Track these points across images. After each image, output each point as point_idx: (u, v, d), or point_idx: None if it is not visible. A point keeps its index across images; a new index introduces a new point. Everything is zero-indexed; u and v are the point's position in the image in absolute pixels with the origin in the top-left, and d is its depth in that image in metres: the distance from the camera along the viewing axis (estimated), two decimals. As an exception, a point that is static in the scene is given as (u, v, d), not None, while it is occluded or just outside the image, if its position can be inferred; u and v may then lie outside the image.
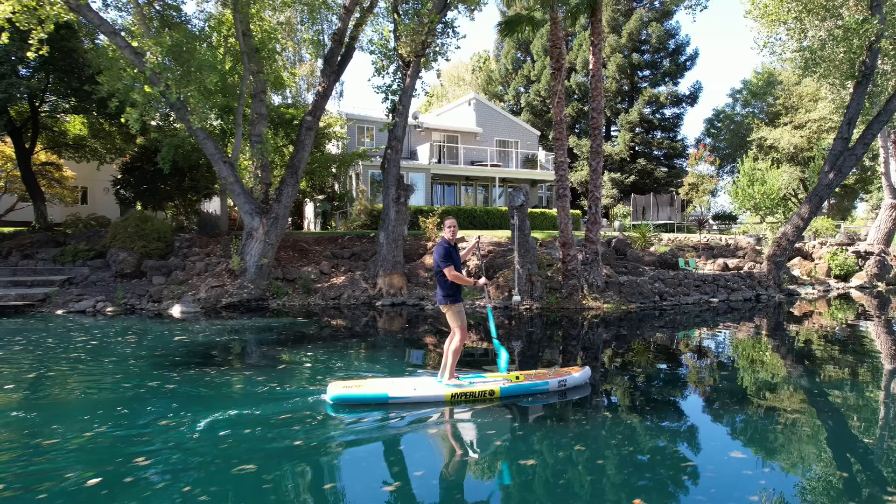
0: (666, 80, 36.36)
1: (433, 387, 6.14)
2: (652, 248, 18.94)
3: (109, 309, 13.87)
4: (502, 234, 20.90)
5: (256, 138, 15.50)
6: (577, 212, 31.00)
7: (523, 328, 12.03)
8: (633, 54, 35.31)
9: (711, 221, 35.22)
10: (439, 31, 15.53)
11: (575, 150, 37.64)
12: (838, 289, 19.14)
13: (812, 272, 20.21)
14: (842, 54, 14.83)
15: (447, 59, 16.21)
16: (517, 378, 6.35)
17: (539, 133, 33.98)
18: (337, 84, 21.94)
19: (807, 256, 21.09)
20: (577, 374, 6.63)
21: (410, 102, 15.80)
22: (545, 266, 14.80)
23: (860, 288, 19.49)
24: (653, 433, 5.34)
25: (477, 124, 31.01)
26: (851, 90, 15.73)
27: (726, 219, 35.92)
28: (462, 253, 6.49)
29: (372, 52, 15.76)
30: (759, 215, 30.60)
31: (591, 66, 14.58)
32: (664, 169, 36.25)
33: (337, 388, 6.02)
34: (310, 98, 26.69)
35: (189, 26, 14.39)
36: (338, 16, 16.14)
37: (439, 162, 29.51)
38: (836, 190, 36.25)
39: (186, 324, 12.36)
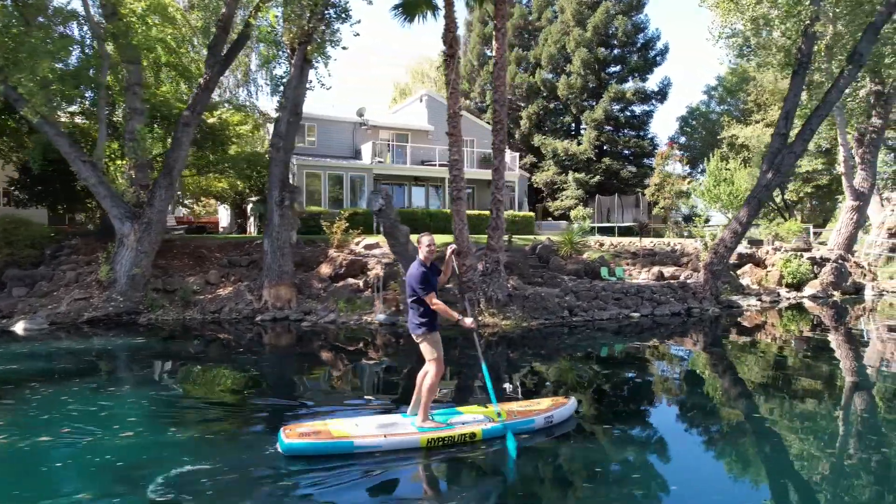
0: (634, 76, 34.72)
1: (406, 432, 5.24)
2: (585, 255, 17.37)
3: (-57, 326, 12.39)
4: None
5: (130, 136, 14.01)
6: (531, 214, 29.49)
7: (409, 348, 10.53)
8: (598, 49, 33.67)
9: (683, 223, 33.64)
10: (333, 16, 14.03)
11: (541, 149, 36.04)
12: (789, 299, 17.55)
13: (763, 280, 18.63)
14: (778, 41, 13.26)
15: (343, 48, 14.71)
16: (498, 415, 5.49)
17: (497, 131, 32.35)
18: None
19: (759, 263, 19.50)
20: (563, 408, 5.97)
21: (298, 95, 14.23)
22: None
23: (813, 297, 17.89)
24: None
25: (429, 122, 29.44)
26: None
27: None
28: (442, 277, 5.48)
29: (260, 41, 14.25)
30: (725, 217, 29.04)
31: (494, 54, 13.04)
32: (632, 168, 34.59)
33: (291, 435, 4.99)
34: (247, 94, 25.14)
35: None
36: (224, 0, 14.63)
37: (389, 162, 28.01)
38: (809, 191, 34.79)
39: (26, 343, 10.92)
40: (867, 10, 13.48)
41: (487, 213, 26.46)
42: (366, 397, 7.48)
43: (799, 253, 19.59)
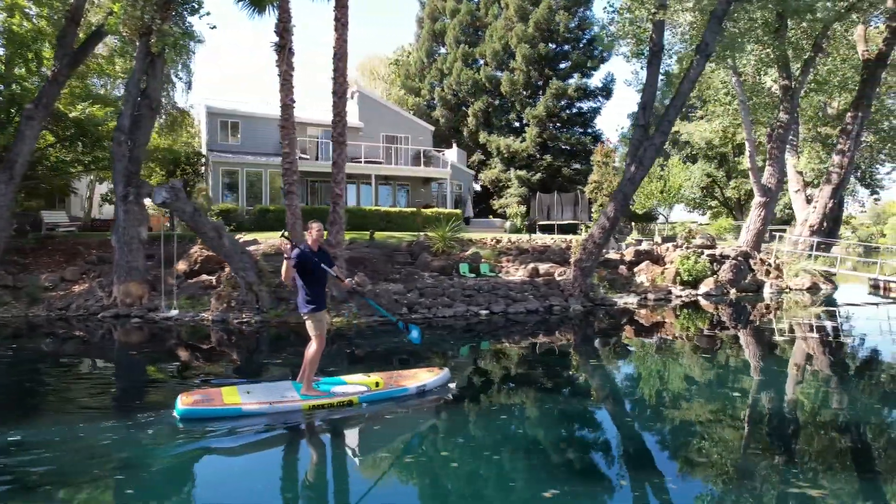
0: (579, 72, 34.28)
1: (290, 399, 6.03)
2: (467, 252, 17.02)
3: None
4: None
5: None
6: (458, 211, 29.06)
7: (235, 344, 10.24)
8: (541, 45, 33.26)
9: (632, 223, 33.19)
10: (186, 10, 13.74)
11: (487, 147, 35.68)
12: (680, 297, 17.14)
13: (658, 278, 18.23)
14: (630, 30, 12.91)
15: (198, 41, 14.42)
16: (377, 384, 6.46)
17: (433, 128, 32.09)
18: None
19: (657, 261, 19.09)
20: (436, 377, 6.85)
21: (154, 90, 13.94)
22: (268, 274, 12.93)
23: (707, 295, 17.49)
24: None
25: (360, 118, 29.14)
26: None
27: (648, 219, 33.88)
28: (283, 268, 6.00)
29: (109, 33, 13.98)
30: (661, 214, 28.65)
31: (333, 45, 12.72)
32: (577, 166, 34.16)
33: (186, 402, 5.74)
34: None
35: None
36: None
37: (316, 159, 27.75)
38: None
39: None
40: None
41: (427, 210, 26.33)
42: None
43: (700, 250, 19.18)
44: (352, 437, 5.75)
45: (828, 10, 13.64)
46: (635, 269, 18.60)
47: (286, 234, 6.48)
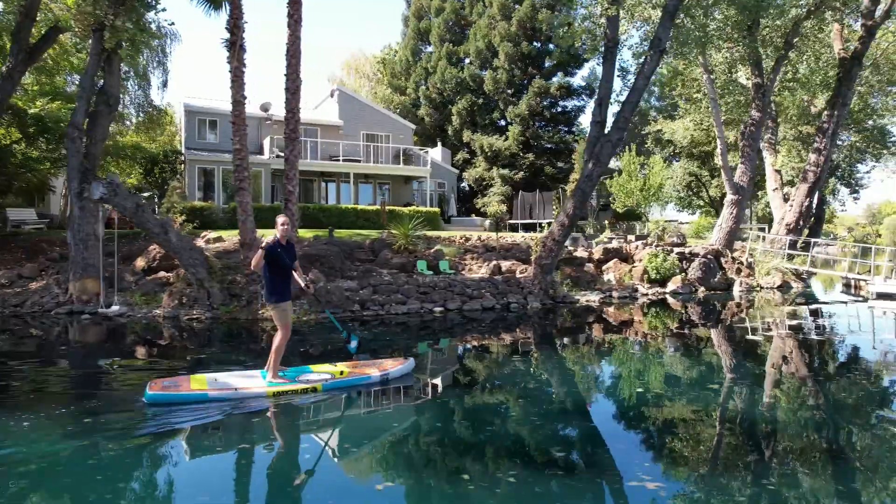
0: (563, 70, 34.20)
1: (255, 385, 6.30)
2: (431, 250, 16.94)
3: None
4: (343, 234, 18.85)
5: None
6: (437, 210, 29.01)
7: (185, 341, 10.18)
8: (524, 43, 33.18)
9: (615, 222, 33.04)
10: (141, 5, 13.68)
11: (471, 146, 35.61)
12: (647, 294, 17.07)
13: (626, 276, 18.15)
14: (584, 27, 12.84)
15: (158, 35, 14.37)
16: (341, 373, 6.75)
17: (414, 126, 32.02)
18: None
19: (627, 259, 19.01)
20: (399, 366, 7.13)
21: (111, 86, 13.89)
22: (219, 270, 12.88)
23: (674, 293, 17.42)
24: None
25: (340, 117, 29.10)
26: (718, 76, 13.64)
27: (631, 218, 33.75)
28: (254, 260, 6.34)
29: (65, 30, 13.94)
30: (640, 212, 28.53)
31: (287, 41, 12.67)
32: (560, 164, 34.06)
33: (154, 388, 6.00)
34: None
35: None
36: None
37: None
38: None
39: None
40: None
41: (405, 209, 26.26)
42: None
43: (669, 248, 19.11)
44: (309, 424, 5.94)
45: (779, 8, 13.54)
46: (604, 268, 18.53)
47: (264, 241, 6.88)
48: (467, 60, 36.51)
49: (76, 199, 13.65)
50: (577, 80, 34.84)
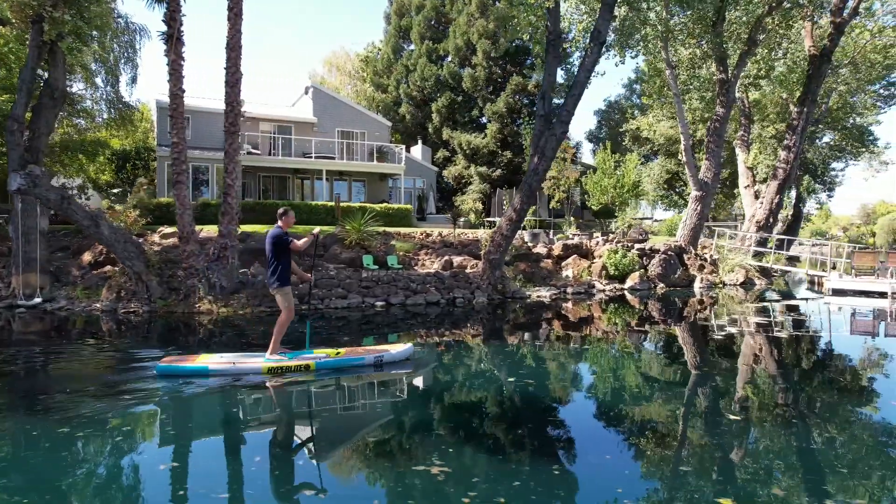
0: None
1: (253, 360, 6.88)
2: (390, 245, 16.86)
3: None
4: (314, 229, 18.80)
5: None
6: (409, 207, 28.90)
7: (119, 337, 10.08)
8: (501, 40, 33.09)
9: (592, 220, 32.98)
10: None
11: (451, 143, 35.53)
12: (604, 290, 16.96)
13: (584, 272, 18.06)
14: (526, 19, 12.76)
15: (106, 31, 14.31)
16: (337, 353, 7.18)
17: (390, 124, 31.94)
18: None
19: (587, 255, 18.91)
20: (396, 350, 7.39)
21: (55, 80, 13.82)
22: (158, 264, 12.81)
23: (632, 290, 17.32)
24: None
25: (314, 114, 29.02)
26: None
27: (609, 215, 33.62)
28: (300, 243, 6.97)
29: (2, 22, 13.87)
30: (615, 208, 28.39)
31: (227, 34, 12.59)
32: (539, 162, 33.93)
33: (165, 360, 6.85)
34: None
35: None
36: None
37: (270, 154, 27.65)
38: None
39: None
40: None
41: (376, 206, 26.14)
42: None
43: (630, 245, 19.01)
44: (289, 399, 6.31)
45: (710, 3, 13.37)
46: (563, 264, 18.44)
47: (318, 230, 7.62)
48: (448, 58, 36.43)
49: (17, 193, 13.58)
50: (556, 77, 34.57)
